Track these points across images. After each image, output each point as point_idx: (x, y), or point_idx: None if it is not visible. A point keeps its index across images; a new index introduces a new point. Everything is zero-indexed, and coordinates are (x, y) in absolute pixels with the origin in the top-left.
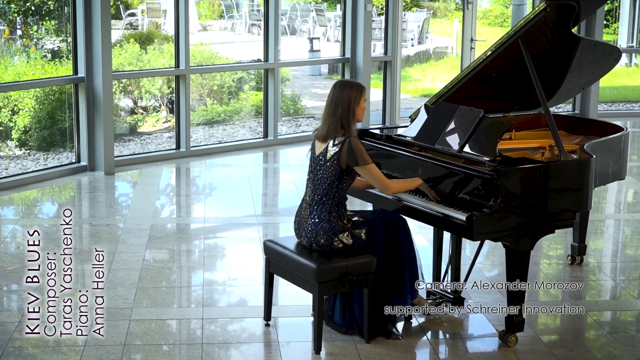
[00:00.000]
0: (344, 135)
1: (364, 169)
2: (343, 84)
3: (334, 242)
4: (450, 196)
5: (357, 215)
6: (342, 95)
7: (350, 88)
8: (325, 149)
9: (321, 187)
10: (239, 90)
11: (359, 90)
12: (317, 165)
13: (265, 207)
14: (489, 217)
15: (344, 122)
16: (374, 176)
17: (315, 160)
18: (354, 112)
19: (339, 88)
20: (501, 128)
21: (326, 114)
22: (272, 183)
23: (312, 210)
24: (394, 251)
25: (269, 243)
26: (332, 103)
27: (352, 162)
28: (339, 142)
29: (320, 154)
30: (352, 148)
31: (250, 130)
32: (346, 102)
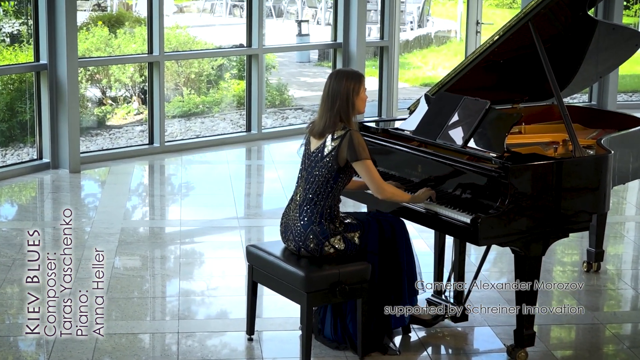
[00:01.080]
0: (344, 129)
1: (362, 164)
2: (339, 74)
3: (325, 246)
4: (453, 196)
5: (349, 217)
6: (339, 87)
7: (347, 78)
8: (322, 144)
9: (315, 186)
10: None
11: (358, 80)
12: (312, 161)
13: (249, 209)
14: (495, 219)
15: (342, 116)
16: (371, 174)
17: (310, 157)
18: (354, 104)
19: (335, 79)
20: (510, 121)
21: (322, 109)
22: (256, 182)
23: (302, 211)
24: (390, 257)
25: (252, 248)
26: (329, 96)
27: (351, 156)
28: (338, 137)
29: (316, 150)
30: (353, 142)
31: (232, 123)
32: (344, 94)
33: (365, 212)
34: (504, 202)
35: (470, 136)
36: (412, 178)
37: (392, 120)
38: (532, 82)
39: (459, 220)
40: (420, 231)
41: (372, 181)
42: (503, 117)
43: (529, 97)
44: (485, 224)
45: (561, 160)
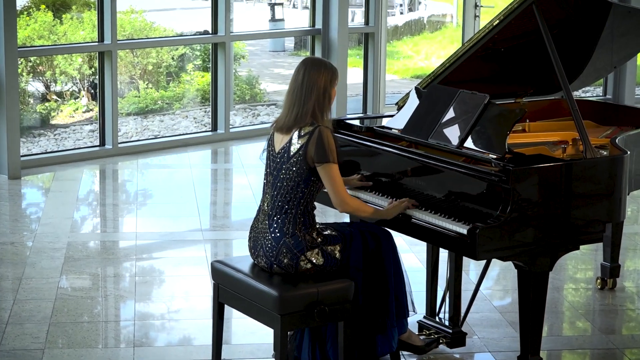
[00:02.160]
0: (313, 125)
1: (326, 168)
2: (317, 63)
3: (301, 262)
4: (448, 204)
5: (329, 228)
6: (317, 77)
7: (325, 68)
8: (288, 142)
9: (283, 192)
10: (180, 70)
11: (335, 72)
12: (277, 163)
13: (215, 220)
14: (496, 229)
15: (317, 110)
16: (334, 181)
17: (275, 158)
18: (331, 97)
19: (312, 67)
20: (512, 117)
21: (292, 100)
22: (223, 188)
23: (272, 222)
24: (376, 274)
25: (218, 265)
26: (304, 86)
27: (318, 156)
28: (306, 133)
29: (282, 150)
30: (322, 140)
31: (195, 121)
32: (322, 86)
33: (347, 222)
34: (506, 210)
35: (467, 135)
36: (401, 183)
37: (378, 117)
38: (537, 73)
39: (454, 231)
40: (410, 244)
41: (334, 190)
42: (504, 113)
43: (533, 91)
44: (484, 235)
45: (571, 162)
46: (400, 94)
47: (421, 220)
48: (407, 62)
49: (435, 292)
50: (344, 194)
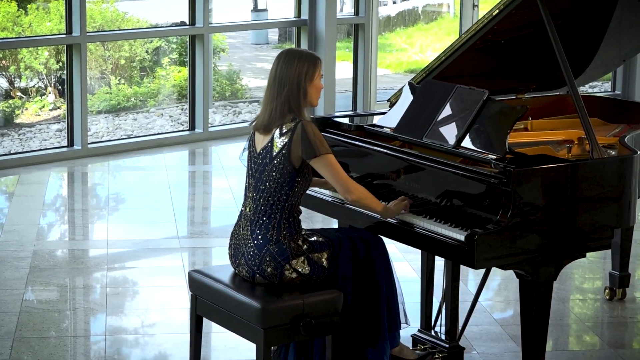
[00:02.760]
0: (294, 121)
1: (322, 160)
2: (290, 54)
3: (285, 271)
4: (444, 208)
5: (316, 234)
6: (289, 69)
7: (300, 59)
8: (269, 142)
9: (266, 195)
10: (155, 65)
11: (313, 63)
12: (259, 165)
13: (192, 226)
14: (496, 236)
15: (292, 104)
16: (335, 171)
17: (256, 159)
18: (306, 91)
19: (285, 60)
20: (513, 115)
21: (268, 96)
22: (202, 192)
23: (255, 228)
24: (367, 284)
25: (196, 275)
26: (276, 80)
27: (307, 153)
28: (287, 130)
29: (263, 150)
30: (307, 134)
31: (172, 120)
32: (295, 79)
33: (336, 228)
34: (506, 214)
35: (465, 134)
36: (393, 185)
37: (369, 114)
38: (540, 67)
39: (450, 238)
40: (404, 251)
41: (337, 180)
42: (505, 110)
43: (536, 86)
44: (483, 242)
45: (576, 162)
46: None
47: (415, 225)
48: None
49: (431, 303)
50: (348, 181)
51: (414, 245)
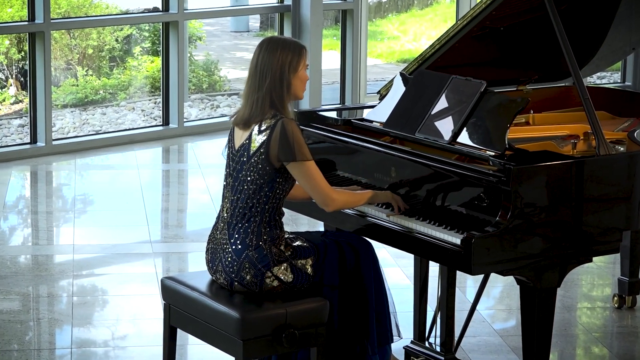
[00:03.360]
0: (275, 117)
1: (300, 167)
2: (273, 43)
3: (266, 278)
4: (439, 210)
5: (299, 238)
6: (271, 59)
7: (283, 48)
8: (247, 138)
9: (244, 197)
10: (126, 55)
11: (297, 52)
12: (237, 163)
13: (166, 229)
14: (495, 239)
15: (274, 98)
16: (314, 180)
17: (234, 157)
18: (289, 83)
19: (267, 49)
20: (513, 108)
21: (248, 88)
22: (177, 193)
23: (233, 232)
24: (355, 292)
25: (169, 282)
26: (257, 71)
27: (285, 155)
28: (267, 127)
29: (241, 147)
30: (286, 134)
31: (144, 114)
32: (277, 69)
33: (321, 231)
34: (506, 216)
35: (461, 129)
36: (383, 185)
37: (357, 108)
38: (543, 56)
39: (445, 241)
40: (395, 257)
41: (315, 190)
42: (504, 103)
43: (538, 77)
44: (480, 246)
45: (582, 159)
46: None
47: (407, 228)
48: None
49: (425, 312)
50: (327, 190)
51: (406, 250)
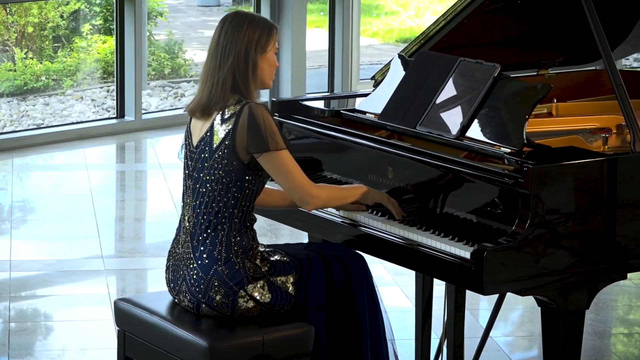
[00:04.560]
0: (240, 103)
1: (273, 158)
2: (239, 17)
3: (240, 299)
4: (444, 217)
5: (278, 252)
6: (235, 36)
7: (250, 24)
8: (209, 130)
9: (208, 200)
10: (73, 34)
11: (266, 30)
12: (197, 161)
13: (122, 242)
14: (511, 252)
15: (237, 79)
16: (290, 174)
17: (193, 154)
18: (255, 64)
19: (232, 23)
20: (532, 96)
21: (208, 68)
22: (134, 199)
23: (198, 245)
24: (345, 315)
25: (124, 305)
26: (219, 48)
27: (255, 145)
28: (231, 115)
29: (201, 142)
30: (255, 121)
31: (94, 105)
32: (242, 47)
33: (304, 243)
34: (524, 224)
35: (471, 121)
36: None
37: (348, 96)
38: (568, 34)
39: (452, 255)
40: (394, 273)
41: (292, 184)
42: (522, 90)
43: (563, 59)
44: (494, 260)
45: (614, 157)
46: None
47: (406, 239)
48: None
49: (429, 339)
50: (307, 184)
51: (406, 265)
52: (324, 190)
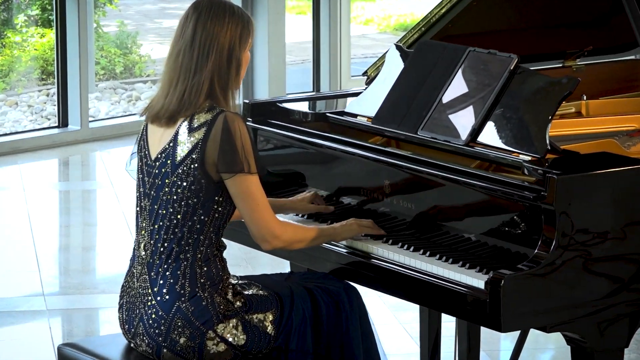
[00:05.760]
0: (213, 110)
1: (242, 182)
2: (216, 8)
3: (208, 341)
4: (453, 240)
5: (254, 284)
6: (218, 30)
7: (231, 16)
8: (171, 140)
9: (169, 225)
10: (4, 27)
11: (246, 22)
12: (157, 177)
13: (66, 276)
14: (533, 280)
15: (217, 83)
16: (254, 203)
17: (151, 169)
18: (239, 64)
19: (209, 16)
20: (557, 92)
21: (178, 68)
22: (81, 223)
23: (157, 278)
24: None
25: (70, 351)
26: (195, 46)
27: (226, 164)
28: (202, 123)
29: (162, 154)
30: (230, 135)
31: (32, 112)
32: (226, 45)
33: (285, 273)
34: (549, 247)
35: (483, 123)
36: (371, 207)
37: (336, 96)
38: (599, 17)
39: (462, 285)
40: (394, 308)
41: (254, 215)
42: (544, 85)
43: (593, 48)
44: (513, 290)
45: None
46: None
47: (408, 267)
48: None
49: None
50: (270, 220)
51: (408, 298)
52: (289, 230)
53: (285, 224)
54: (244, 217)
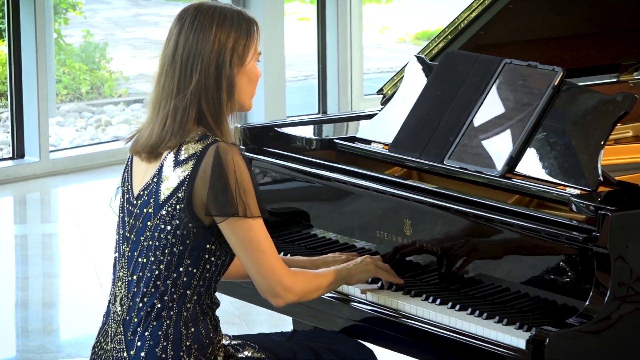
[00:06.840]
0: (204, 140)
1: (240, 226)
2: (204, 13)
3: None
4: (486, 291)
5: (249, 346)
6: (200, 41)
7: (220, 24)
8: (155, 175)
9: (149, 276)
10: None
11: (245, 30)
12: (138, 218)
13: (25, 338)
14: (584, 338)
15: (205, 106)
16: (260, 251)
17: (133, 209)
18: (232, 82)
19: (193, 24)
20: (610, 113)
21: (160, 90)
22: (40, 274)
23: (134, 338)
24: None
25: None
26: (176, 61)
27: (218, 206)
28: (190, 156)
29: (144, 191)
30: (222, 170)
31: None
32: (212, 58)
33: (287, 333)
34: (602, 297)
35: (522, 151)
36: (390, 251)
37: (345, 119)
38: None
39: (499, 345)
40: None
41: (260, 266)
42: (595, 104)
43: None
44: (559, 350)
45: None
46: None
47: (432, 323)
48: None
49: None
50: (279, 270)
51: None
52: (301, 279)
53: (296, 272)
54: (247, 269)
